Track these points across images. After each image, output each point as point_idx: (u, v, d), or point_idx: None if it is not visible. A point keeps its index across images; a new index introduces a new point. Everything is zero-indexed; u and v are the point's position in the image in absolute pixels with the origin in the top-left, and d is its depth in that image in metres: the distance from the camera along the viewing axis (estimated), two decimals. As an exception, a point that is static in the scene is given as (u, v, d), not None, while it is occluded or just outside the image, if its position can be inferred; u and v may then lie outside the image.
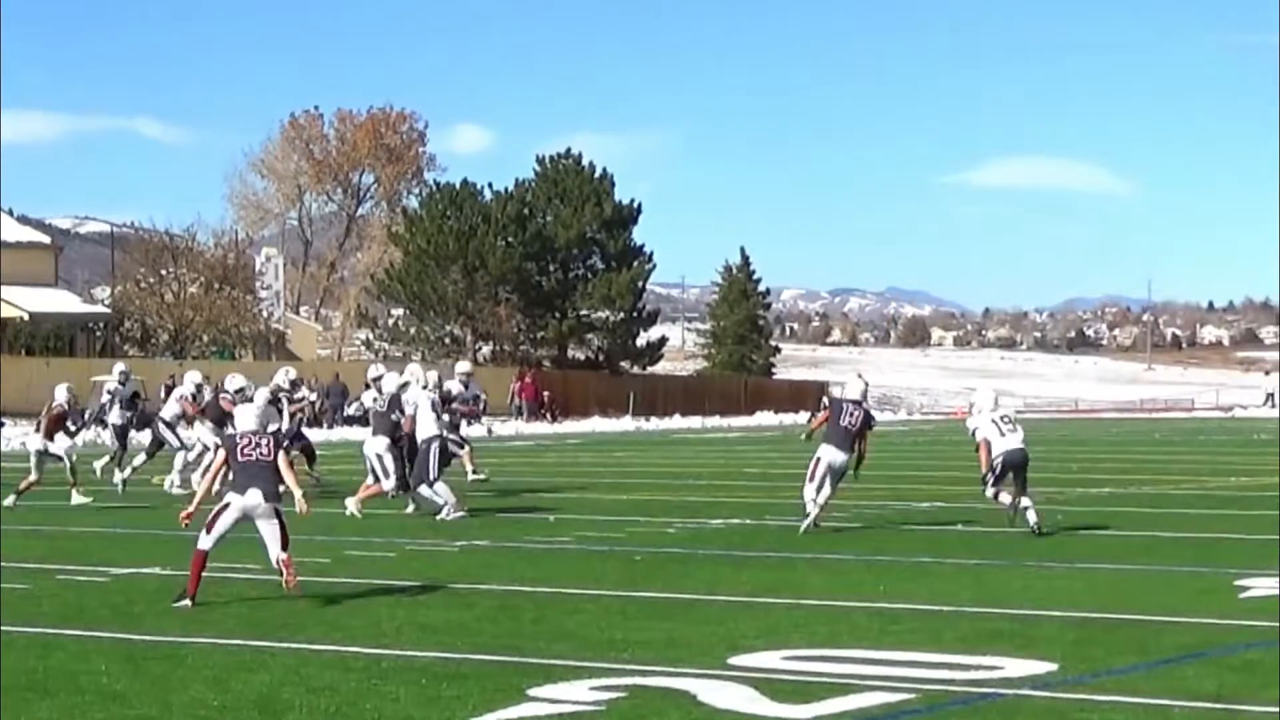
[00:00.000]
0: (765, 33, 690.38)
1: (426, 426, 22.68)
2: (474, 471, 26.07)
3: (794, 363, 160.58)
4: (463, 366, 26.03)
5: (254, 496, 14.41)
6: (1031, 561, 17.07)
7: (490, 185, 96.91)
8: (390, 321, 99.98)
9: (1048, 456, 40.34)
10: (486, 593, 14.67)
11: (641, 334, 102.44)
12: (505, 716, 9.17)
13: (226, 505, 14.31)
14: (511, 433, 58.11)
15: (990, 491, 20.67)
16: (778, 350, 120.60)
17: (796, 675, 10.34)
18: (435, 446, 22.57)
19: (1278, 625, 12.29)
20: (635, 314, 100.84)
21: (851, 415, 21.08)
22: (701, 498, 26.31)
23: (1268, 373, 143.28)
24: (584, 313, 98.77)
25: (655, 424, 69.52)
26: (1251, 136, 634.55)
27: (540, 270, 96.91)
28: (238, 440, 14.89)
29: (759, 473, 27.50)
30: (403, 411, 23.11)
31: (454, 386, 25.42)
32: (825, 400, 25.12)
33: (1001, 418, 21.24)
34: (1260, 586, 14.51)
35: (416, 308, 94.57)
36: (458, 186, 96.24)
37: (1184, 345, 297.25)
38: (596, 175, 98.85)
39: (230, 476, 14.61)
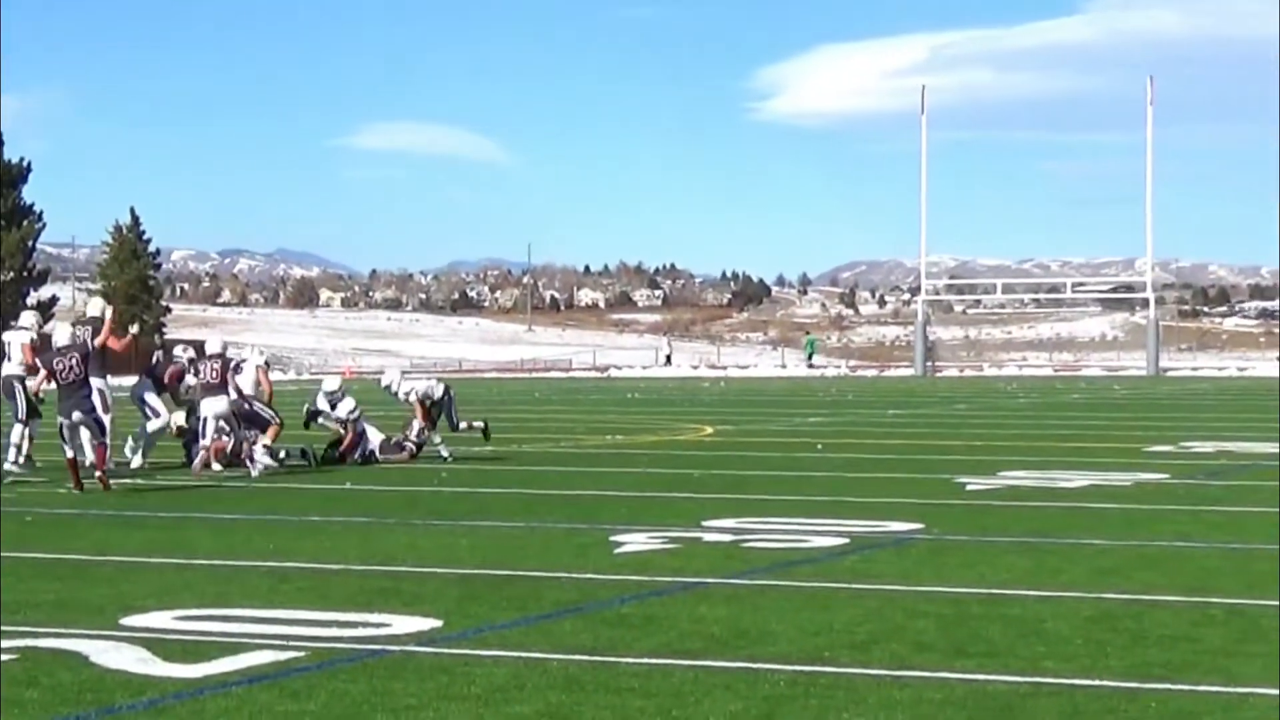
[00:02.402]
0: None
1: None
2: None
3: (185, 323, 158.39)
4: None
5: (73, 415, 20.79)
6: (418, 520, 17.45)
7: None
8: None
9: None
10: None
11: (32, 293, 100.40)
12: (-112, 683, 8.98)
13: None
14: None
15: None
16: (168, 310, 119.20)
17: (187, 635, 10.38)
18: None
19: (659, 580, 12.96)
20: (25, 273, 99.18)
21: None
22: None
23: (665, 334, 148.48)
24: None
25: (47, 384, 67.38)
26: (628, 108, 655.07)
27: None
28: (54, 363, 21.25)
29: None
30: None
31: None
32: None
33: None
34: (633, 542, 15.17)
35: None
36: None
37: (562, 307, 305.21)
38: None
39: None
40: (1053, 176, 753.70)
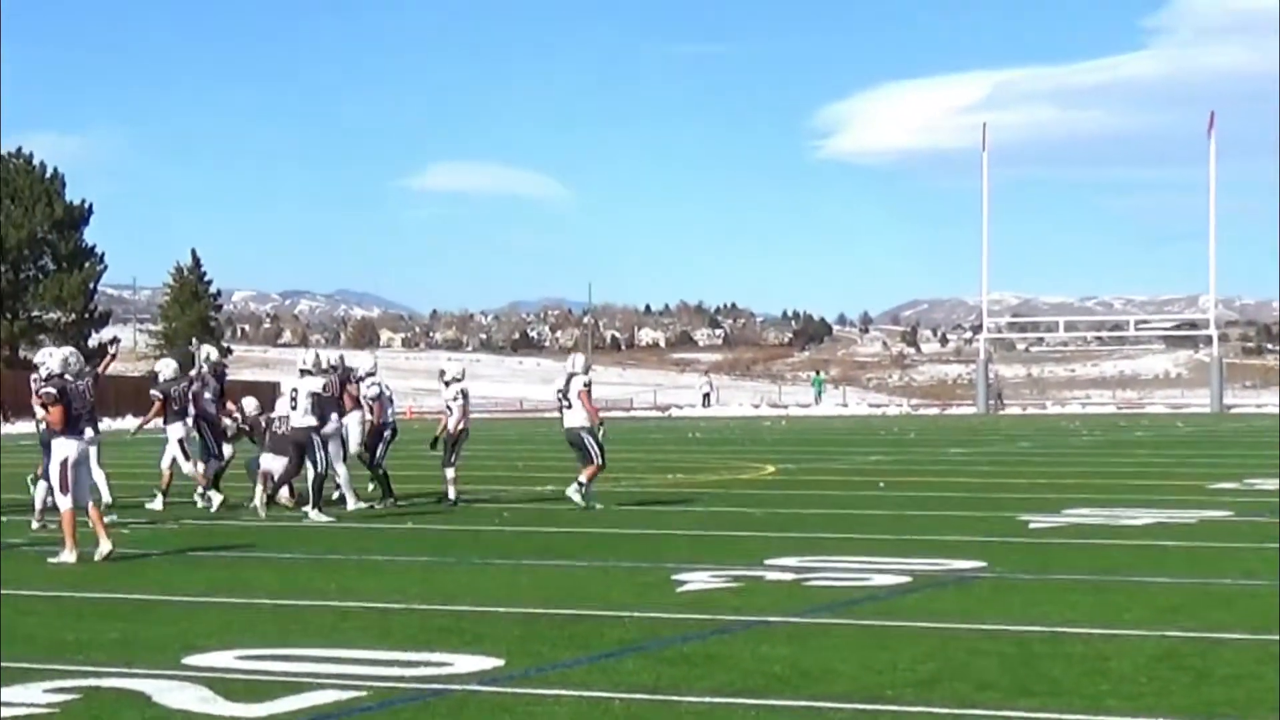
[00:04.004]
0: (214, 32, 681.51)
1: None
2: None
3: (246, 364, 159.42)
4: None
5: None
6: (478, 559, 17.47)
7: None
8: None
9: (494, 455, 41.05)
10: (-72, 597, 14.26)
11: (93, 335, 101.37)
12: (-46, 722, 9.03)
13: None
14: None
15: None
16: (230, 351, 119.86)
17: (250, 674, 10.41)
18: None
19: (715, 618, 12.93)
20: (87, 315, 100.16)
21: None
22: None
23: (706, 373, 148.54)
24: (35, 314, 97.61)
25: (107, 425, 67.88)
26: (689, 147, 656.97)
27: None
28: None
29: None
30: None
31: None
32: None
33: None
34: (695, 581, 15.13)
35: None
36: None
37: (623, 346, 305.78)
38: (47, 175, 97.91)
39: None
40: (1115, 213, 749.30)
